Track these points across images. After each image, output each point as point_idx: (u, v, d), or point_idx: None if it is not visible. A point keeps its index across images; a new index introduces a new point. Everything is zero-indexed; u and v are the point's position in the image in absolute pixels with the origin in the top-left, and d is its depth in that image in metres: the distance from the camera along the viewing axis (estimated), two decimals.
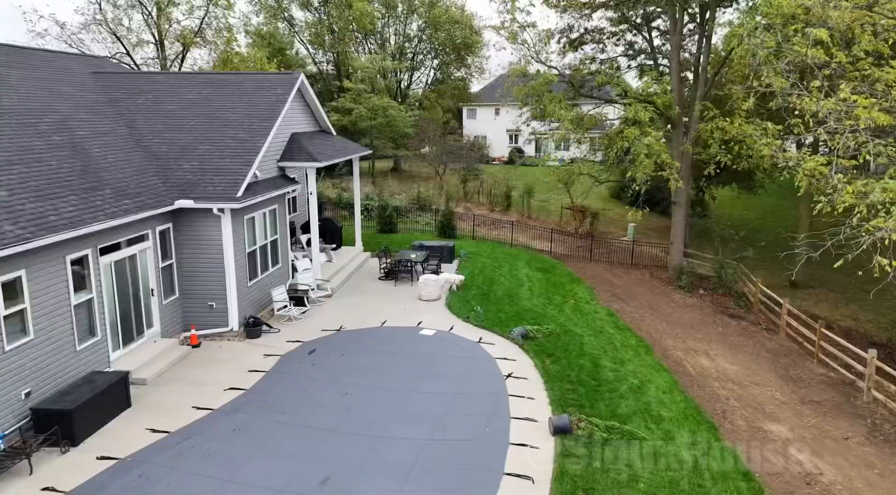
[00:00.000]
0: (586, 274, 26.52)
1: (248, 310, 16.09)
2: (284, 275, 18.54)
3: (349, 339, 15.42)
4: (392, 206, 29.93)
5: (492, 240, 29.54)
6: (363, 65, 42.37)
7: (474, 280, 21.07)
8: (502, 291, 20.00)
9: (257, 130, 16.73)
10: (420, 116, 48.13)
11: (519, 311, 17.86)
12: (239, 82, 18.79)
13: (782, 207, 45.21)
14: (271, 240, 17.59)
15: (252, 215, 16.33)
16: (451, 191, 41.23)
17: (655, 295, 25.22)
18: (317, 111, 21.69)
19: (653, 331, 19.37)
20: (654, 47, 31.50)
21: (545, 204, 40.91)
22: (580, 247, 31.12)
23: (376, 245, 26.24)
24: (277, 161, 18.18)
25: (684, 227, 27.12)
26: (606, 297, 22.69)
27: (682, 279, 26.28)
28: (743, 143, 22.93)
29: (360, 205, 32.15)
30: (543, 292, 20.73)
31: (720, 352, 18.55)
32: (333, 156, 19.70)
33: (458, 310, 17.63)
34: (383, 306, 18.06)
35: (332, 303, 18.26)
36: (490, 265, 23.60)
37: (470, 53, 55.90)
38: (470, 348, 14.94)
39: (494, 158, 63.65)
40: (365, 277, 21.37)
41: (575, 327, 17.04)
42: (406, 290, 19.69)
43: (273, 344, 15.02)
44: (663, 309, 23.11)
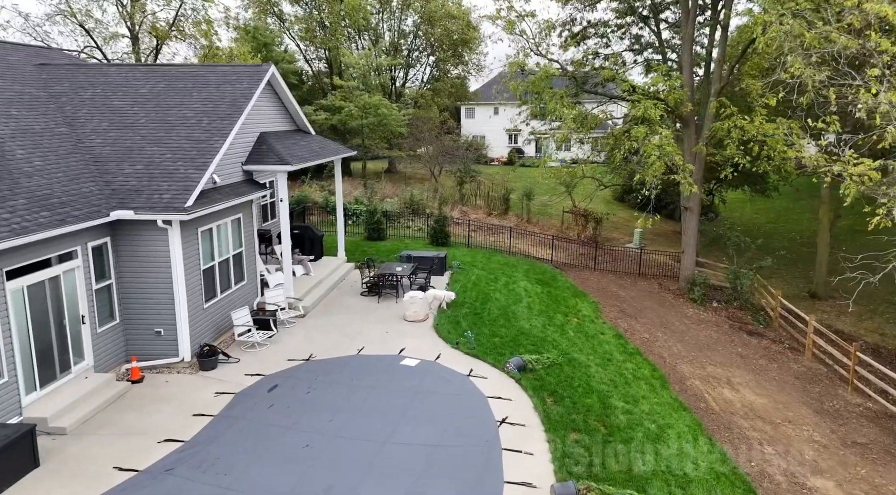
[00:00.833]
0: (590, 285, 24.39)
1: (204, 336, 13.97)
2: (251, 292, 16.42)
3: (319, 371, 13.30)
4: (381, 211, 27.80)
5: (488, 247, 27.43)
6: (355, 61, 40.22)
7: (467, 295, 18.95)
8: (497, 309, 17.88)
9: (216, 129, 14.61)
10: (414, 115, 45.97)
11: (516, 335, 15.73)
12: (201, 75, 16.67)
13: (795, 211, 43.11)
14: (234, 253, 15.48)
15: (210, 226, 14.21)
16: (446, 193, 39.14)
17: (666, 309, 23.10)
18: (292, 108, 19.57)
19: (667, 355, 17.24)
20: (662, 41, 29.40)
21: (545, 207, 38.79)
22: (583, 255, 29.00)
23: (362, 254, 24.12)
24: (242, 164, 16.07)
25: (697, 235, 24.98)
26: (613, 314, 20.56)
27: (695, 291, 24.16)
28: (764, 144, 20.82)
29: (346, 211, 30.15)
30: (543, 310, 18.61)
31: (743, 379, 16.43)
32: (308, 158, 17.58)
33: (446, 334, 15.51)
34: (363, 328, 15.94)
35: (305, 325, 16.14)
36: (485, 278, 21.48)
37: (467, 50, 53.76)
38: (458, 383, 12.82)
39: (493, 159, 61.54)
40: (346, 292, 19.25)
41: (580, 354, 14.91)
42: (390, 308, 17.58)
43: (229, 377, 12.90)
44: (676, 325, 20.99)
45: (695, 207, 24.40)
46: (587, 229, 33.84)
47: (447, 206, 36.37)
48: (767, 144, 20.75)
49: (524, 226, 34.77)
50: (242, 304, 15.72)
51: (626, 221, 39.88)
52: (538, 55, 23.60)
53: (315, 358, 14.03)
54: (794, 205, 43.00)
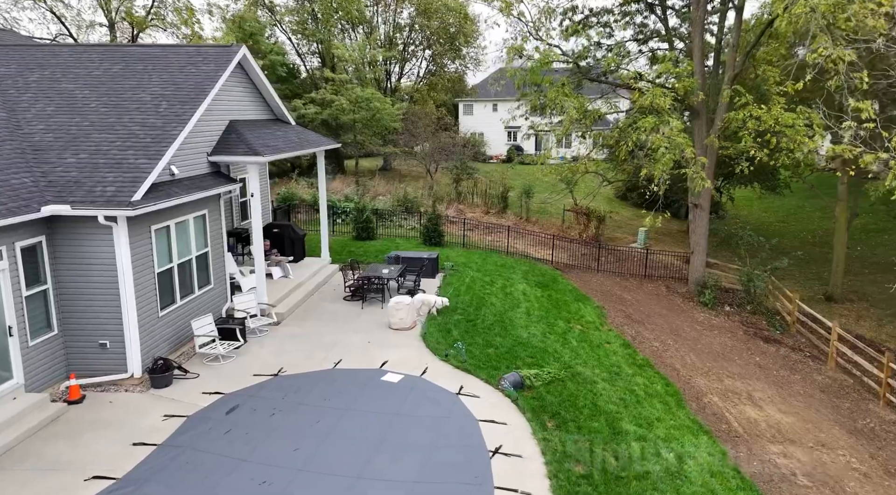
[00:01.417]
0: (593, 288, 22.77)
1: (160, 348, 12.34)
2: (219, 297, 14.79)
3: (288, 389, 11.66)
4: (370, 209, 26.16)
5: (485, 247, 25.80)
6: (347, 53, 38.56)
7: (459, 300, 17.31)
8: (493, 315, 16.24)
9: (175, 115, 12.98)
10: (409, 110, 44.31)
11: (513, 345, 14.09)
12: (162, 57, 15.03)
13: (805, 209, 41.48)
14: (198, 254, 13.84)
15: (166, 223, 12.57)
16: (441, 191, 37.52)
17: (675, 314, 21.47)
18: (269, 96, 17.93)
19: (679, 366, 15.62)
20: (669, 29, 27.76)
21: (545, 206, 37.16)
22: (585, 256, 27.37)
23: (349, 255, 22.49)
24: (208, 154, 14.43)
25: (707, 234, 23.33)
26: (619, 319, 18.94)
27: (706, 294, 22.53)
28: (783, 135, 19.19)
29: (336, 209, 28.53)
30: (543, 315, 16.97)
31: (766, 393, 14.80)
32: (284, 149, 15.94)
33: (435, 344, 13.87)
34: (342, 338, 14.30)
35: (278, 334, 14.50)
36: (480, 280, 19.84)
37: (465, 44, 52.10)
38: (446, 404, 11.18)
39: (492, 157, 59.89)
40: (327, 297, 17.61)
41: (584, 368, 13.28)
42: (374, 315, 15.95)
43: (183, 396, 11.26)
44: (687, 332, 19.36)
45: (705, 205, 22.77)
46: (589, 228, 32.20)
47: (443, 205, 34.78)
48: (786, 136, 19.12)
49: (523, 225, 33.14)
50: (209, 311, 14.09)
51: (629, 220, 38.26)
52: (537, 40, 21.95)
53: (285, 373, 12.39)
54: (804, 204, 41.38)
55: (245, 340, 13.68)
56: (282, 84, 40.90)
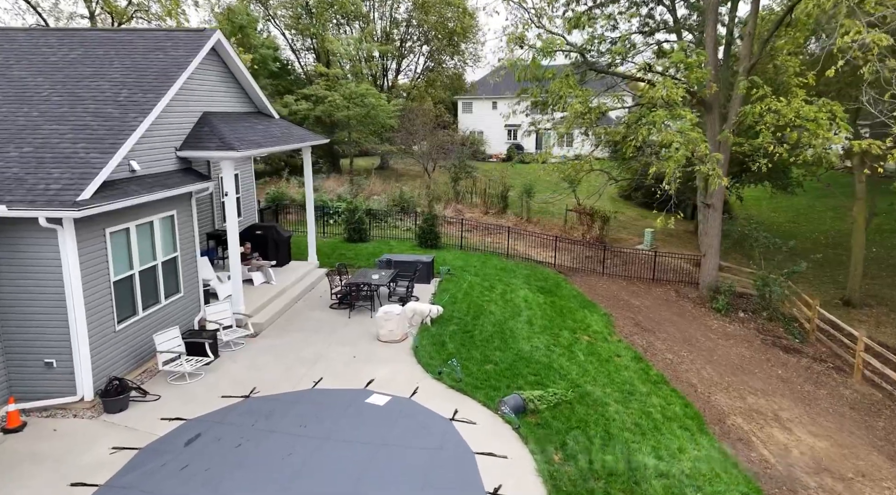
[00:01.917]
0: (599, 293, 21.40)
1: (116, 366, 10.97)
2: (190, 307, 13.41)
3: (259, 413, 10.29)
4: (363, 210, 24.79)
5: (484, 249, 24.43)
6: (342, 48, 37.19)
7: (456, 308, 15.94)
8: (492, 326, 14.87)
9: (135, 104, 11.61)
10: (406, 106, 42.94)
11: (514, 360, 12.71)
12: (127, 41, 13.66)
13: (816, 209, 40.07)
14: (165, 259, 12.46)
15: (125, 226, 11.20)
16: (439, 191, 36.15)
17: (687, 321, 20.10)
18: (249, 87, 16.56)
19: (697, 382, 14.24)
20: (677, 19, 26.39)
21: (546, 206, 35.80)
22: (589, 258, 26.01)
23: (339, 258, 21.12)
24: (177, 149, 13.05)
25: (720, 236, 21.96)
26: (628, 328, 17.57)
27: (719, 300, 21.14)
28: (803, 130, 17.83)
29: (328, 209, 27.18)
30: (547, 325, 15.59)
31: (793, 413, 13.42)
32: (263, 144, 14.56)
33: (428, 359, 12.50)
34: (325, 351, 12.92)
35: (255, 348, 13.12)
36: (479, 286, 18.47)
37: (464, 39, 50.74)
38: (438, 431, 9.81)
39: (491, 155, 58.53)
40: (312, 305, 16.24)
41: (594, 386, 11.90)
42: (363, 324, 14.58)
43: (139, 423, 9.89)
44: (701, 342, 17.99)
45: (718, 205, 21.39)
46: (593, 229, 30.84)
47: (440, 204, 33.41)
48: (807, 130, 17.75)
49: (524, 226, 31.79)
50: (179, 322, 12.72)
51: (634, 220, 36.90)
52: (539, 27, 20.56)
53: (258, 393, 11.01)
54: (814, 203, 40.00)
55: (216, 355, 12.29)
56: (274, 79, 39.59)
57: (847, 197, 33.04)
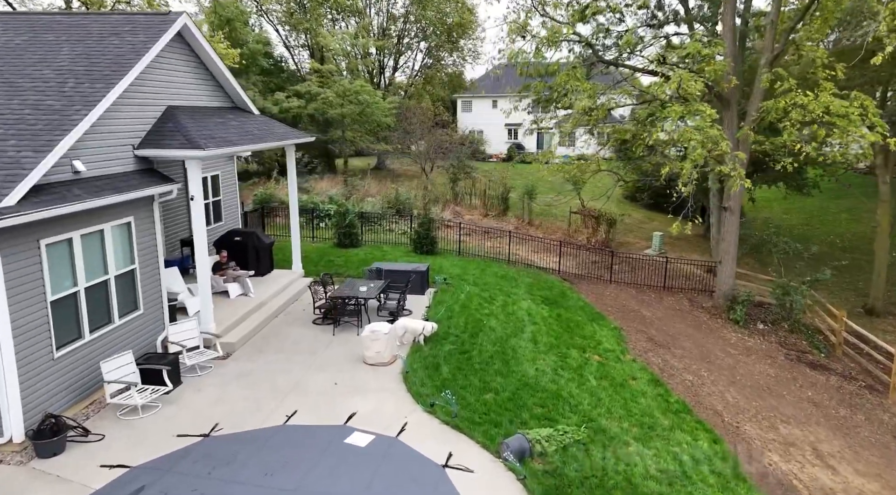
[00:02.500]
0: (607, 303, 19.88)
1: (54, 401, 9.44)
2: (152, 326, 11.88)
3: (219, 458, 8.75)
4: (354, 213, 23.25)
5: (483, 255, 22.91)
6: (335, 42, 35.63)
7: (452, 323, 14.41)
8: (493, 344, 13.33)
9: (81, 95, 10.08)
10: (403, 104, 41.39)
11: (517, 387, 11.18)
12: (81, 26, 12.13)
13: (830, 211, 38.50)
14: (120, 273, 10.92)
15: (66, 236, 9.66)
16: (437, 192, 34.62)
17: (703, 334, 18.57)
18: (224, 80, 15.03)
19: (722, 408, 12.72)
20: (689, 9, 24.88)
21: (549, 208, 34.25)
22: (595, 264, 24.50)
23: (327, 266, 19.61)
24: (135, 147, 11.52)
25: (737, 241, 20.42)
26: (641, 344, 16.05)
27: (737, 310, 19.61)
28: (832, 126, 16.32)
29: (319, 212, 25.64)
30: (553, 343, 14.06)
31: (832, 445, 11.89)
32: (236, 142, 13.02)
33: (419, 387, 10.96)
34: (303, 377, 11.39)
35: (224, 373, 11.58)
36: (478, 296, 16.94)
37: (463, 35, 49.21)
38: (429, 481, 8.26)
39: (491, 155, 56.99)
40: (294, 320, 14.70)
41: (609, 420, 10.37)
42: (348, 343, 13.04)
43: (75, 471, 8.35)
44: (721, 358, 16.47)
45: (736, 207, 19.84)
46: (598, 232, 29.35)
47: (438, 206, 31.91)
48: (837, 127, 16.25)
49: (525, 229, 30.29)
50: (138, 343, 11.20)
51: (641, 223, 35.37)
52: (543, 16, 19.02)
53: (220, 431, 9.47)
54: (828, 205, 38.45)
55: (177, 383, 10.76)
56: (266, 76, 38.03)
57: (862, 198, 31.57)
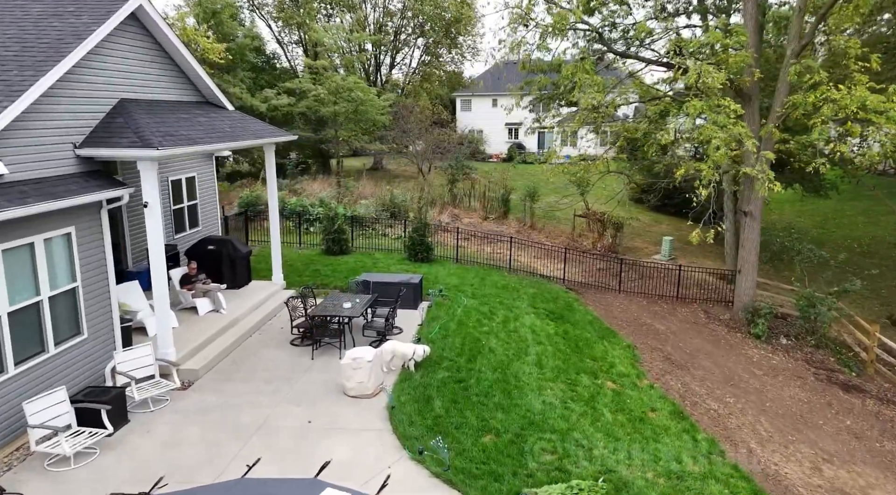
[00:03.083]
0: (617, 316, 18.32)
1: None
2: (98, 353, 10.29)
3: None
4: (345, 216, 21.68)
5: (483, 262, 21.34)
6: (328, 37, 34.02)
7: (448, 344, 12.83)
8: (493, 369, 11.75)
9: (5, 84, 8.49)
10: (400, 102, 39.80)
11: (522, 426, 9.59)
12: (18, 7, 10.53)
13: (844, 213, 36.86)
14: (56, 292, 9.34)
15: None
16: (434, 193, 33.03)
17: (723, 351, 16.99)
18: (192, 72, 13.44)
19: (755, 445, 11.13)
20: None
21: (552, 211, 32.66)
22: (602, 271, 22.92)
23: (312, 276, 18.04)
24: (77, 146, 9.93)
25: (758, 249, 18.83)
26: (657, 365, 14.48)
27: (759, 325, 18.01)
28: (867, 123, 14.74)
29: (309, 215, 24.04)
30: (561, 366, 12.47)
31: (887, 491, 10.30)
32: (199, 141, 11.42)
33: (406, 426, 9.37)
34: (272, 414, 9.80)
35: (181, 408, 9.99)
36: (476, 311, 15.36)
37: (462, 32, 47.58)
38: None
39: (491, 155, 55.39)
40: (270, 340, 13.11)
41: (630, 468, 8.77)
42: (328, 369, 11.46)
43: None
44: (746, 381, 14.88)
45: (757, 212, 18.24)
46: (604, 237, 27.76)
47: (435, 209, 30.34)
48: (872, 123, 14.68)
49: (527, 233, 28.71)
50: (79, 375, 9.62)
51: (648, 226, 33.76)
52: (549, 2, 17.42)
53: (163, 488, 7.85)
54: (842, 207, 36.81)
55: (121, 423, 9.17)
56: (256, 73, 36.44)
57: (886, 200, 29.97)
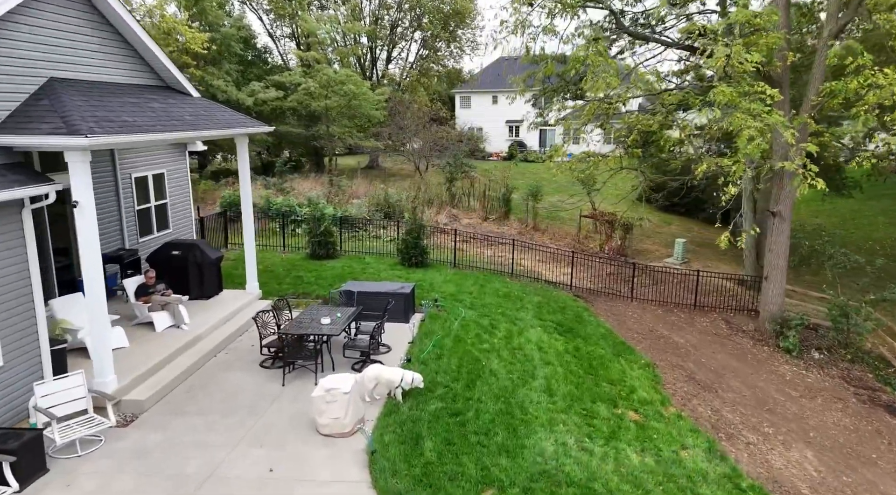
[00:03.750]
0: (632, 327, 16.58)
1: None
2: (18, 384, 8.53)
3: None
4: (331, 217, 19.91)
5: (483, 266, 19.59)
6: (319, 27, 32.22)
7: (443, 365, 11.07)
8: (494, 398, 9.99)
9: None
10: (396, 97, 38.03)
11: (531, 474, 7.82)
12: None
13: (864, 213, 35.06)
14: None
15: None
16: (431, 192, 31.28)
17: (751, 367, 15.22)
18: (146, 52, 11.67)
19: (808, 490, 9.35)
20: None
21: (555, 211, 30.91)
22: (612, 276, 21.18)
23: (294, 283, 16.32)
24: None
25: (788, 253, 17.06)
26: (682, 387, 12.74)
27: (790, 337, 16.24)
28: None
29: (292, 215, 22.20)
30: (575, 392, 10.71)
31: None
32: (148, 129, 9.63)
33: (389, 477, 7.60)
34: (228, 458, 8.03)
35: (116, 449, 8.22)
36: (475, 324, 13.60)
37: (461, 25, 45.89)
38: None
39: (491, 154, 53.62)
40: (236, 361, 11.34)
41: None
42: (301, 397, 9.69)
43: None
44: (782, 404, 13.11)
45: (787, 212, 16.46)
46: (613, 239, 26.00)
47: (432, 209, 28.61)
48: None
49: (530, 235, 26.96)
50: None
51: (658, 227, 31.97)
52: None
53: None
54: (860, 206, 35.04)
55: (38, 473, 7.41)
56: (244, 67, 34.67)
57: None
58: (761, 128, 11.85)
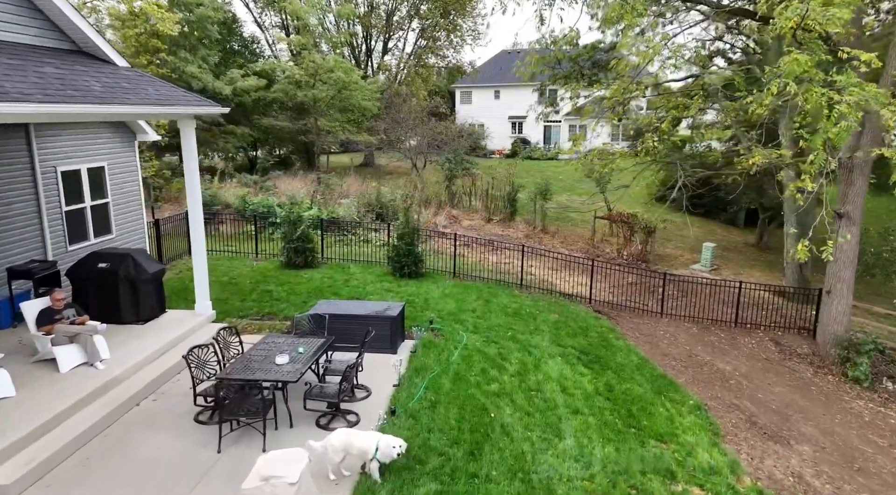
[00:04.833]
0: (666, 351, 13.79)
1: None
2: None
3: None
4: (310, 219, 17.10)
5: (487, 276, 16.81)
6: (304, 10, 29.36)
7: (438, 420, 8.25)
8: (508, 471, 7.18)
9: None
10: (392, 89, 35.22)
11: None
12: None
13: None
14: None
15: None
16: (430, 192, 28.50)
17: (818, 404, 12.39)
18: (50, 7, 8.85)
19: None
20: None
21: (565, 212, 28.10)
22: (634, 286, 18.40)
23: (261, 298, 13.49)
24: None
25: (856, 263, 14.24)
26: (745, 436, 9.94)
27: (861, 365, 13.39)
28: None
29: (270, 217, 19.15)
30: (616, 458, 7.89)
31: None
32: (24, 99, 6.82)
33: None
34: None
35: None
36: (481, 354, 10.78)
37: (461, 14, 43.09)
38: None
39: (493, 151, 50.80)
40: (162, 413, 8.50)
41: None
42: (239, 475, 6.84)
43: None
44: (869, 457, 10.29)
45: (856, 214, 13.65)
46: (632, 243, 23.20)
47: (430, 210, 25.86)
48: None
49: (538, 238, 24.20)
50: None
51: (679, 229, 29.10)
52: None
53: None
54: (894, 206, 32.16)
55: None
56: (227, 55, 31.83)
57: None
58: (858, 102, 9.02)
